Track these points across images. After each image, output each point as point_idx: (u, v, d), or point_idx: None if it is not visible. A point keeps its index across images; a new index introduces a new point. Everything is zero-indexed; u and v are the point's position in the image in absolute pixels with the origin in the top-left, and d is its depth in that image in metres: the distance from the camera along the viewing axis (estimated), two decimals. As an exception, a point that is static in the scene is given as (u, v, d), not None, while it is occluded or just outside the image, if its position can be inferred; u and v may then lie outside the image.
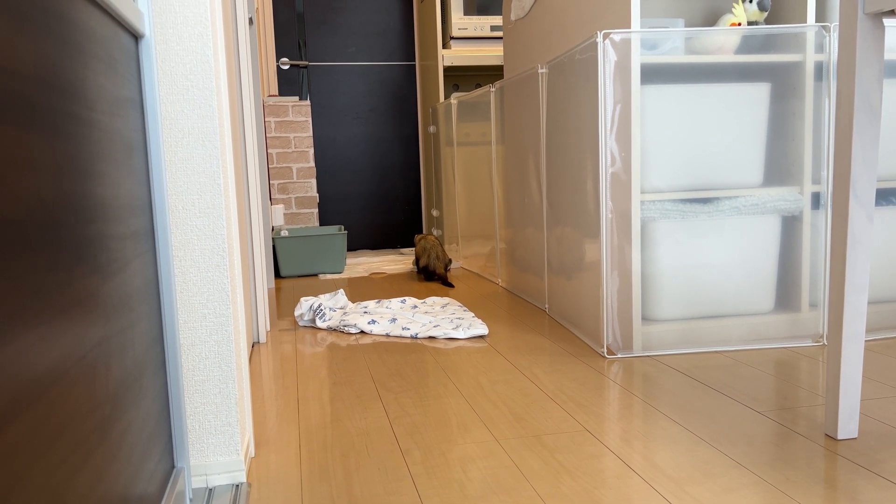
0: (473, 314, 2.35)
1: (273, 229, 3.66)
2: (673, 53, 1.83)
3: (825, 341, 1.88)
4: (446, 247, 3.79)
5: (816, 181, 1.88)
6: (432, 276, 3.15)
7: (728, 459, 1.19)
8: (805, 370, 1.66)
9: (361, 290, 2.93)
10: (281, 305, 2.71)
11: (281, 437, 1.37)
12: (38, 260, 0.55)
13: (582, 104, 1.93)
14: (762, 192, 1.87)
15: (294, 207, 3.90)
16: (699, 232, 1.85)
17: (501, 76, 4.16)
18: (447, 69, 3.98)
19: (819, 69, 1.85)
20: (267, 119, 3.81)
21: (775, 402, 1.45)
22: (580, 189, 1.99)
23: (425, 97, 4.21)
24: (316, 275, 3.44)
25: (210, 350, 1.13)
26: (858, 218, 1.19)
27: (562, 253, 2.19)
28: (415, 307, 2.47)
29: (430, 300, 2.57)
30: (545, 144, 2.30)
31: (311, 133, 3.89)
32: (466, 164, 3.35)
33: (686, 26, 2.11)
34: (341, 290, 2.52)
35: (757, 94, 1.86)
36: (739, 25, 1.86)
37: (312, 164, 3.88)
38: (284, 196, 3.88)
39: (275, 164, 3.85)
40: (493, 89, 2.89)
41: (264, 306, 2.19)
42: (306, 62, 4.21)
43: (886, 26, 1.71)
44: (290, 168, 3.87)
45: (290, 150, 3.86)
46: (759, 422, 1.35)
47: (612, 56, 1.77)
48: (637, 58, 1.73)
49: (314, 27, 4.23)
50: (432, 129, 4.00)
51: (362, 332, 2.21)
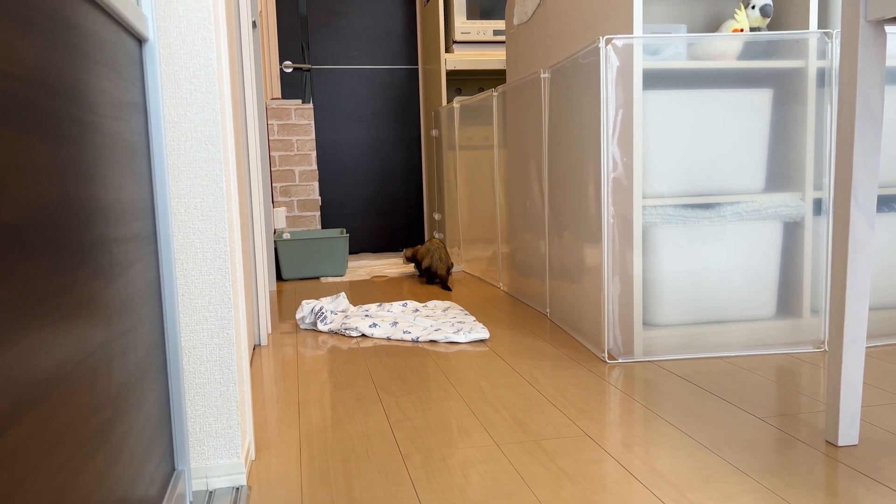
0: (475, 318, 2.35)
1: (275, 232, 3.66)
2: (675, 59, 1.83)
3: (826, 347, 1.88)
4: (447, 250, 3.79)
5: (818, 187, 1.88)
6: (433, 279, 3.14)
7: (728, 465, 1.19)
8: (806, 376, 1.66)
9: (363, 294, 2.94)
10: (282, 308, 2.71)
11: (281, 441, 1.37)
12: (41, 263, 0.55)
13: (584, 109, 1.94)
14: (764, 198, 1.87)
15: (296, 210, 3.90)
16: (701, 237, 1.85)
17: (504, 80, 4.17)
18: (450, 73, 3.99)
19: (821, 75, 1.86)
20: (270, 122, 3.82)
21: (776, 409, 1.45)
22: (582, 193, 1.99)
23: (428, 101, 4.22)
24: (317, 278, 3.45)
25: (211, 353, 1.14)
26: (860, 224, 1.19)
27: (563, 257, 2.19)
28: (416, 311, 2.47)
29: (432, 304, 2.57)
30: (547, 149, 2.31)
31: (314, 136, 3.89)
32: (468, 168, 3.35)
33: (688, 32, 2.12)
34: (343, 294, 2.52)
35: (759, 100, 1.86)
36: (742, 31, 1.86)
37: (315, 167, 3.89)
38: (287, 199, 3.89)
39: (277, 167, 3.86)
40: (496, 93, 2.89)
41: (266, 309, 2.19)
42: (309, 65, 4.22)
43: (888, 33, 1.71)
44: (293, 171, 3.87)
45: (293, 153, 3.86)
46: (760, 428, 1.35)
47: (615, 61, 1.77)
48: (639, 63, 1.74)
49: (317, 30, 4.23)
50: (434, 133, 4.00)
51: (363, 336, 2.21)
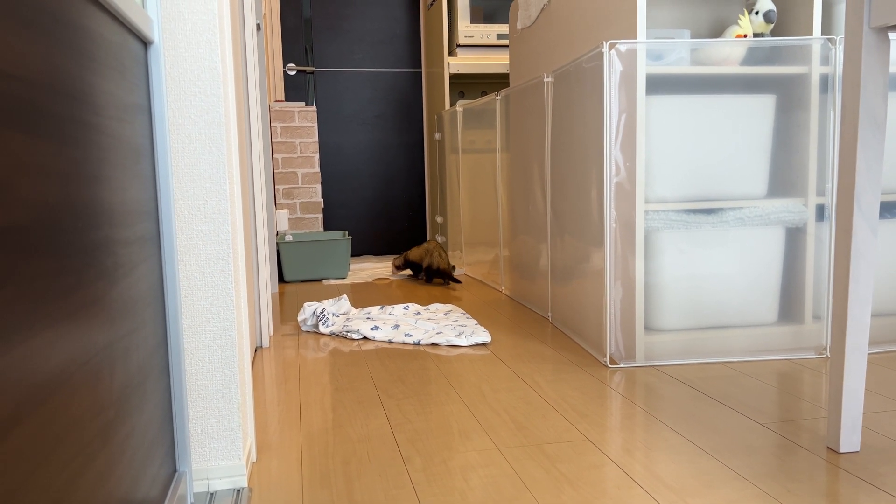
0: (476, 321, 2.35)
1: (277, 234, 3.67)
2: (678, 64, 1.83)
3: (828, 353, 1.88)
4: (449, 253, 3.79)
5: (821, 193, 1.88)
6: (434, 276, 3.12)
7: (729, 471, 1.19)
8: (808, 382, 1.65)
9: (365, 296, 2.94)
10: (284, 310, 2.71)
11: (283, 443, 1.37)
12: (45, 265, 0.56)
13: (587, 113, 1.94)
14: (766, 204, 1.87)
15: (299, 212, 3.91)
16: (703, 242, 1.85)
17: (507, 84, 4.17)
18: (453, 77, 3.99)
19: (824, 82, 1.86)
20: (273, 124, 3.82)
21: (777, 414, 1.45)
22: (584, 198, 1.99)
23: (431, 104, 4.22)
24: (320, 280, 3.45)
25: (213, 354, 1.14)
26: (862, 231, 1.19)
27: (565, 261, 2.20)
28: (418, 314, 2.48)
29: (433, 307, 2.57)
30: (550, 153, 2.31)
31: (317, 139, 3.90)
32: (471, 172, 3.36)
33: (692, 37, 2.12)
34: (345, 296, 2.52)
35: (762, 106, 1.86)
36: (745, 37, 1.86)
37: (318, 170, 3.89)
38: (289, 201, 3.89)
39: (280, 169, 3.86)
40: (499, 97, 2.89)
41: (268, 311, 2.19)
42: (313, 68, 4.23)
43: (892, 40, 1.71)
44: (296, 173, 3.88)
45: (296, 156, 3.87)
46: (761, 434, 1.35)
47: (618, 66, 1.78)
48: (643, 68, 1.74)
49: (321, 33, 4.24)
50: (437, 137, 4.01)
51: (365, 338, 2.21)
